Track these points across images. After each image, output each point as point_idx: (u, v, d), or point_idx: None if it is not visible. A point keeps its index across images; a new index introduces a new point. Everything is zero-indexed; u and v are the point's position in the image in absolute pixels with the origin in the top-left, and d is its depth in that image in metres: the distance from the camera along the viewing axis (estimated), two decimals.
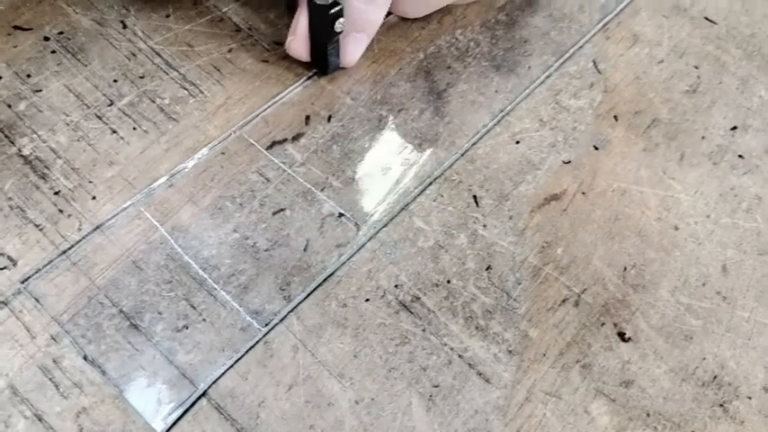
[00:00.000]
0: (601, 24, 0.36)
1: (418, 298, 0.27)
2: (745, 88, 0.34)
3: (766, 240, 0.30)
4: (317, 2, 0.28)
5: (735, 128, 0.33)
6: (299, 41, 0.31)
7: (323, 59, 0.31)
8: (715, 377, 0.26)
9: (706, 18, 0.37)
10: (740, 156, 0.32)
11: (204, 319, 0.26)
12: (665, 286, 0.28)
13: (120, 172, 0.29)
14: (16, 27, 0.32)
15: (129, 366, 0.24)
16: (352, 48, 0.31)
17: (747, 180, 0.31)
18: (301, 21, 0.30)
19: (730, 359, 0.27)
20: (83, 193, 0.28)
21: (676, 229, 0.30)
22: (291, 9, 0.31)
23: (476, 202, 0.30)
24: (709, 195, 0.31)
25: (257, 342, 0.25)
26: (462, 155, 0.31)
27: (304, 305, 0.26)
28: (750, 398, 0.26)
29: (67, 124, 0.30)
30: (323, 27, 0.29)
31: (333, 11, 0.29)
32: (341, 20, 0.29)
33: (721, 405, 0.26)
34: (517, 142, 0.31)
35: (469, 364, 0.26)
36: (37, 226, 0.27)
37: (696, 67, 0.35)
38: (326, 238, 0.28)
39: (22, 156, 0.29)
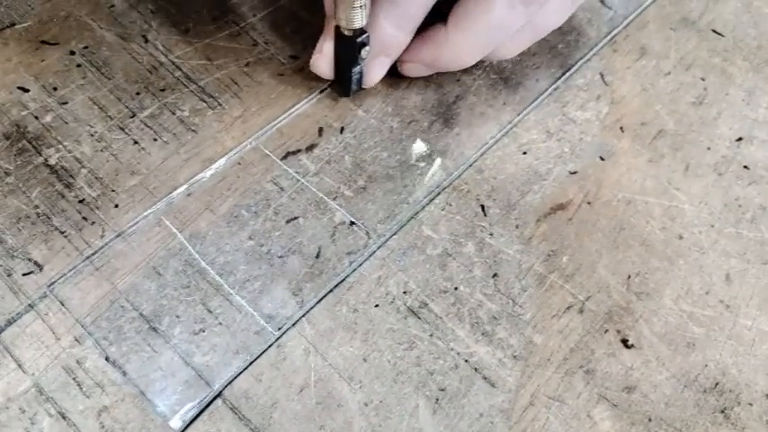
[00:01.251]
0: (608, 37, 0.37)
1: (426, 304, 0.28)
2: (751, 100, 0.35)
3: None
4: (344, 33, 0.29)
5: (740, 139, 0.34)
6: (324, 60, 0.31)
7: (346, 83, 0.32)
8: (717, 384, 0.27)
9: (713, 30, 0.38)
10: (745, 167, 0.33)
11: (220, 323, 0.27)
12: (668, 294, 0.29)
13: (141, 181, 0.30)
14: (43, 42, 0.34)
15: (149, 367, 0.26)
16: (376, 70, 0.32)
17: (752, 191, 0.32)
18: (327, 41, 0.31)
19: (732, 366, 0.27)
20: (106, 201, 0.29)
21: (680, 238, 0.30)
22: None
23: (483, 211, 0.30)
24: (713, 205, 0.31)
25: (270, 345, 0.26)
26: (470, 165, 0.32)
27: (315, 310, 0.27)
28: (751, 404, 0.26)
29: (92, 135, 0.31)
30: (349, 55, 0.30)
31: (359, 39, 0.29)
32: (366, 48, 0.30)
33: (722, 411, 0.26)
34: (524, 153, 0.32)
35: (475, 369, 0.27)
36: (62, 233, 0.28)
37: (703, 79, 0.36)
38: (338, 245, 0.29)
39: (49, 165, 0.30)
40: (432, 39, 0.31)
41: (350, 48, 0.30)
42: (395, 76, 0.34)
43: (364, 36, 0.29)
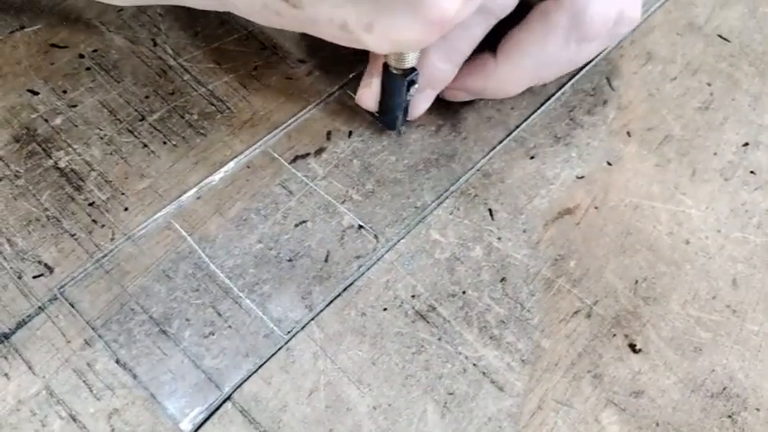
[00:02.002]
0: (615, 42, 0.37)
1: (434, 308, 0.28)
2: (757, 105, 0.35)
3: None
4: (394, 71, 0.29)
5: (746, 144, 0.34)
6: (371, 95, 0.31)
7: (392, 117, 0.31)
8: (724, 389, 0.27)
9: (719, 36, 0.38)
10: (752, 172, 0.33)
11: (230, 326, 0.27)
12: (675, 299, 0.29)
13: (151, 184, 0.30)
14: (53, 45, 0.34)
15: (159, 370, 0.26)
16: (422, 103, 0.31)
17: (758, 196, 0.32)
18: (375, 76, 0.30)
19: (739, 371, 0.27)
20: (116, 204, 0.29)
21: (687, 243, 0.30)
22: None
23: (491, 215, 0.31)
24: (720, 210, 0.31)
25: (280, 348, 0.27)
26: (478, 169, 0.32)
27: (324, 314, 0.28)
28: (758, 409, 0.27)
29: (101, 138, 0.31)
30: (397, 92, 0.30)
31: (409, 78, 0.29)
32: (416, 86, 0.29)
33: (730, 416, 0.26)
34: (532, 157, 0.32)
35: (483, 373, 0.27)
36: (72, 235, 0.28)
37: (709, 84, 0.36)
38: (347, 249, 0.29)
39: (59, 168, 0.30)
40: (480, 69, 0.30)
41: (399, 86, 0.29)
42: None
43: (414, 74, 0.29)
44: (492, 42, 0.30)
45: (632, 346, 0.28)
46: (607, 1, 0.29)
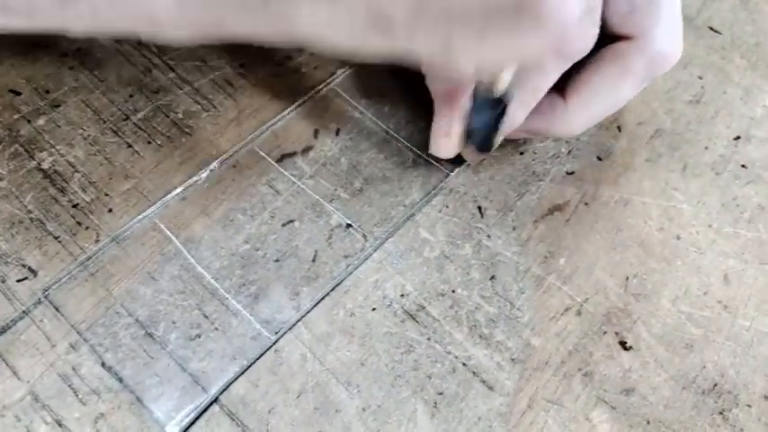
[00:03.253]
0: None
1: (423, 307, 0.28)
2: (748, 98, 0.35)
3: None
4: (493, 97, 0.27)
5: (738, 138, 0.33)
6: (452, 144, 0.29)
7: (485, 144, 0.29)
8: (715, 385, 0.27)
9: (711, 28, 0.37)
10: (743, 166, 0.33)
11: (216, 328, 0.27)
12: (666, 295, 0.29)
13: (135, 185, 0.30)
14: (35, 44, 0.33)
15: (145, 374, 0.25)
16: None
17: (750, 190, 0.32)
18: (455, 121, 0.28)
19: (730, 367, 0.27)
20: (100, 205, 0.29)
21: (678, 238, 0.30)
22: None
23: (480, 212, 0.30)
24: (711, 205, 0.31)
25: (267, 350, 0.26)
26: (467, 166, 0.31)
27: (313, 314, 0.27)
28: (750, 406, 0.26)
29: (85, 138, 0.31)
30: (488, 124, 0.28)
31: (504, 99, 0.27)
32: (506, 117, 0.28)
33: (721, 413, 0.26)
34: (521, 153, 0.32)
35: (473, 372, 0.26)
36: (56, 238, 0.28)
37: (700, 77, 0.35)
38: (335, 248, 0.29)
39: (42, 170, 0.30)
40: (548, 111, 0.29)
41: (492, 113, 0.27)
42: (390, 79, 0.34)
43: (509, 95, 0.27)
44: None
45: (623, 344, 0.28)
46: (675, 39, 0.28)
